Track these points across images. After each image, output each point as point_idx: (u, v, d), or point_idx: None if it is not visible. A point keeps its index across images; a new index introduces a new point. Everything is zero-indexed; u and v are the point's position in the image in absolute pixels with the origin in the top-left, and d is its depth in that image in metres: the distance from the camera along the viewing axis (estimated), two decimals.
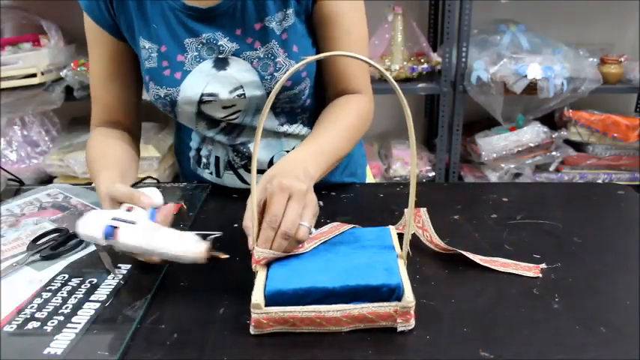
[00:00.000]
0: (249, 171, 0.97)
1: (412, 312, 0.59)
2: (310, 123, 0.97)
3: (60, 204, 0.93)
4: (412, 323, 0.60)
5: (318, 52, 0.91)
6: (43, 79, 1.95)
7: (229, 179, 0.99)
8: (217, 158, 0.99)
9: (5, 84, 1.92)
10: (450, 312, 0.63)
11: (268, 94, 0.88)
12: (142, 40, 0.88)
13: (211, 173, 1.01)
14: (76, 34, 2.13)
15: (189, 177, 1.07)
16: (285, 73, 0.85)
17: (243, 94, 0.88)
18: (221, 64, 0.87)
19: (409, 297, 0.59)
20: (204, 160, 1.01)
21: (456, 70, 2.04)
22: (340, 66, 0.90)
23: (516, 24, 2.09)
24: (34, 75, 1.93)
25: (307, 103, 0.95)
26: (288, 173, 0.68)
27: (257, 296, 0.59)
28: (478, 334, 0.59)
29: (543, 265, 0.71)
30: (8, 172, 1.04)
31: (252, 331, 0.59)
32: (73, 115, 2.28)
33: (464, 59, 2.01)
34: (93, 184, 0.91)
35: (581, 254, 0.76)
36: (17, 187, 1.03)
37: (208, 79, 0.87)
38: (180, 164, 1.10)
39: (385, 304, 0.59)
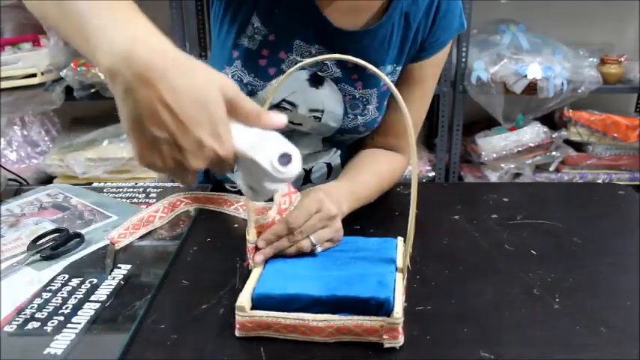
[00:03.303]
0: None
1: (400, 329, 0.57)
2: (342, 148, 0.97)
3: (60, 204, 0.93)
4: (400, 340, 0.57)
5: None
6: (43, 79, 1.95)
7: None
8: None
9: (5, 84, 1.92)
10: (450, 312, 0.63)
11: (341, 131, 0.88)
12: (255, 18, 0.80)
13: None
14: None
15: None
16: (368, 120, 0.87)
17: (320, 118, 0.86)
18: (317, 81, 0.84)
19: (398, 313, 0.56)
20: None
21: (456, 70, 2.03)
22: (396, 120, 0.91)
23: (516, 24, 2.09)
24: (34, 75, 1.93)
25: (355, 138, 0.96)
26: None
27: (243, 299, 0.59)
28: (478, 334, 0.59)
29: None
30: (11, 172, 1.04)
31: (237, 333, 0.59)
32: (73, 115, 2.28)
33: (464, 59, 2.01)
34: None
35: (581, 254, 0.76)
36: (17, 187, 1.03)
37: (297, 89, 0.84)
38: None
39: (372, 318, 0.57)
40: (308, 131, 0.90)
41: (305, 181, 0.98)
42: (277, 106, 0.85)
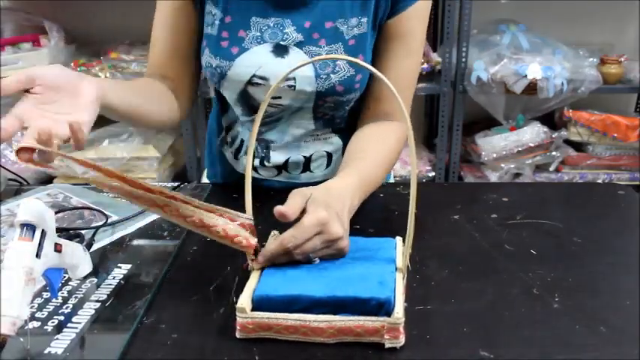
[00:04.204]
0: (263, 165, 0.97)
1: (401, 329, 0.57)
2: (341, 134, 0.97)
3: (60, 204, 0.93)
4: (402, 340, 0.57)
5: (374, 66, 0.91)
6: None
7: (242, 165, 1.00)
8: (242, 141, 0.99)
9: None
10: (450, 311, 0.63)
11: (318, 93, 0.88)
12: (209, 5, 0.87)
13: (232, 153, 1.01)
14: (76, 34, 2.13)
15: (211, 160, 1.09)
16: (342, 77, 0.86)
17: (294, 86, 0.87)
18: (281, 50, 0.86)
19: (398, 313, 0.56)
20: (229, 138, 1.01)
21: (456, 70, 2.03)
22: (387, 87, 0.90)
23: (516, 24, 2.09)
24: None
25: (347, 114, 0.95)
26: (334, 205, 0.67)
27: (243, 300, 0.58)
28: (478, 334, 0.59)
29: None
30: (11, 172, 1.04)
31: (237, 335, 0.59)
32: None
33: (464, 59, 2.01)
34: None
35: (581, 254, 0.76)
36: (17, 187, 1.03)
37: (263, 62, 0.86)
38: (210, 144, 1.10)
39: (373, 318, 0.57)
40: (290, 103, 0.90)
41: (304, 169, 0.98)
42: (250, 83, 0.87)
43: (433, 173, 2.18)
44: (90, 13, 2.13)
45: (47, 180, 2.08)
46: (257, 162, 0.98)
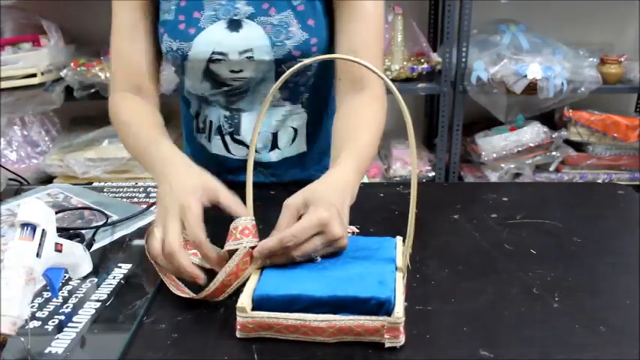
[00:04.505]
0: (235, 140, 0.99)
1: (401, 329, 0.57)
2: (309, 106, 0.98)
3: (60, 204, 0.93)
4: (402, 340, 0.57)
5: (332, 37, 0.92)
6: (43, 79, 1.95)
7: (217, 146, 1.01)
8: (211, 122, 1.00)
9: (5, 84, 1.92)
10: (450, 311, 0.63)
11: (277, 60, 0.90)
12: None
13: (206, 137, 1.03)
14: (76, 34, 2.13)
15: (190, 148, 1.09)
16: (298, 42, 0.88)
17: (252, 56, 0.90)
18: (234, 25, 0.89)
19: (399, 313, 0.56)
20: (200, 124, 1.02)
21: (456, 70, 2.04)
22: (353, 52, 0.89)
23: (516, 24, 2.09)
24: (34, 75, 1.93)
25: (311, 81, 0.96)
26: (335, 201, 0.67)
27: (244, 299, 0.58)
28: (478, 334, 0.59)
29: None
30: (11, 172, 1.04)
31: (238, 334, 0.59)
32: (73, 115, 2.28)
33: (464, 59, 2.01)
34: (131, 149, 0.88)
35: (581, 254, 0.76)
36: (17, 186, 1.03)
37: (220, 39, 0.89)
38: (186, 138, 1.11)
39: (373, 317, 0.57)
40: (252, 75, 0.92)
41: (272, 147, 0.99)
42: (210, 60, 0.91)
43: (433, 173, 2.18)
44: (90, 13, 2.13)
45: (47, 180, 2.08)
46: (228, 138, 0.99)
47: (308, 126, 1.01)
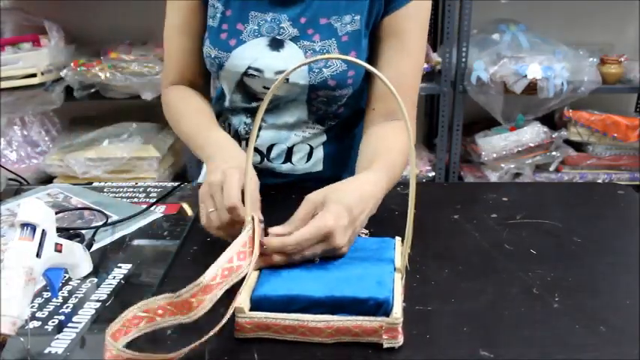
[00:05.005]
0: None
1: (400, 329, 0.57)
2: (330, 132, 0.98)
3: (60, 204, 0.93)
4: (400, 341, 0.57)
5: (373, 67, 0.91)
6: (43, 79, 1.95)
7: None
8: (230, 125, 1.01)
9: (5, 84, 1.92)
10: (449, 311, 0.63)
11: (312, 86, 0.90)
12: None
13: None
14: (76, 34, 2.13)
15: None
16: (334, 72, 0.88)
17: (287, 78, 0.89)
18: (276, 45, 0.89)
19: (397, 313, 0.56)
20: (220, 123, 1.02)
21: (456, 70, 2.04)
22: (395, 83, 0.88)
23: (516, 24, 2.09)
24: (34, 75, 1.93)
25: (340, 110, 0.96)
26: (354, 208, 0.67)
27: (242, 300, 0.58)
28: (478, 334, 0.59)
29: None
30: (11, 172, 1.04)
31: (236, 335, 0.59)
32: (73, 115, 2.28)
33: (464, 59, 2.01)
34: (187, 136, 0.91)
35: (581, 254, 0.76)
36: (17, 186, 1.03)
37: (258, 55, 0.90)
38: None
39: (371, 318, 0.57)
40: (284, 95, 0.92)
41: (286, 159, 0.99)
42: (245, 74, 0.91)
43: (433, 173, 2.18)
44: (90, 13, 2.14)
45: (47, 180, 2.08)
46: (244, 144, 0.99)
47: (325, 147, 1.00)
